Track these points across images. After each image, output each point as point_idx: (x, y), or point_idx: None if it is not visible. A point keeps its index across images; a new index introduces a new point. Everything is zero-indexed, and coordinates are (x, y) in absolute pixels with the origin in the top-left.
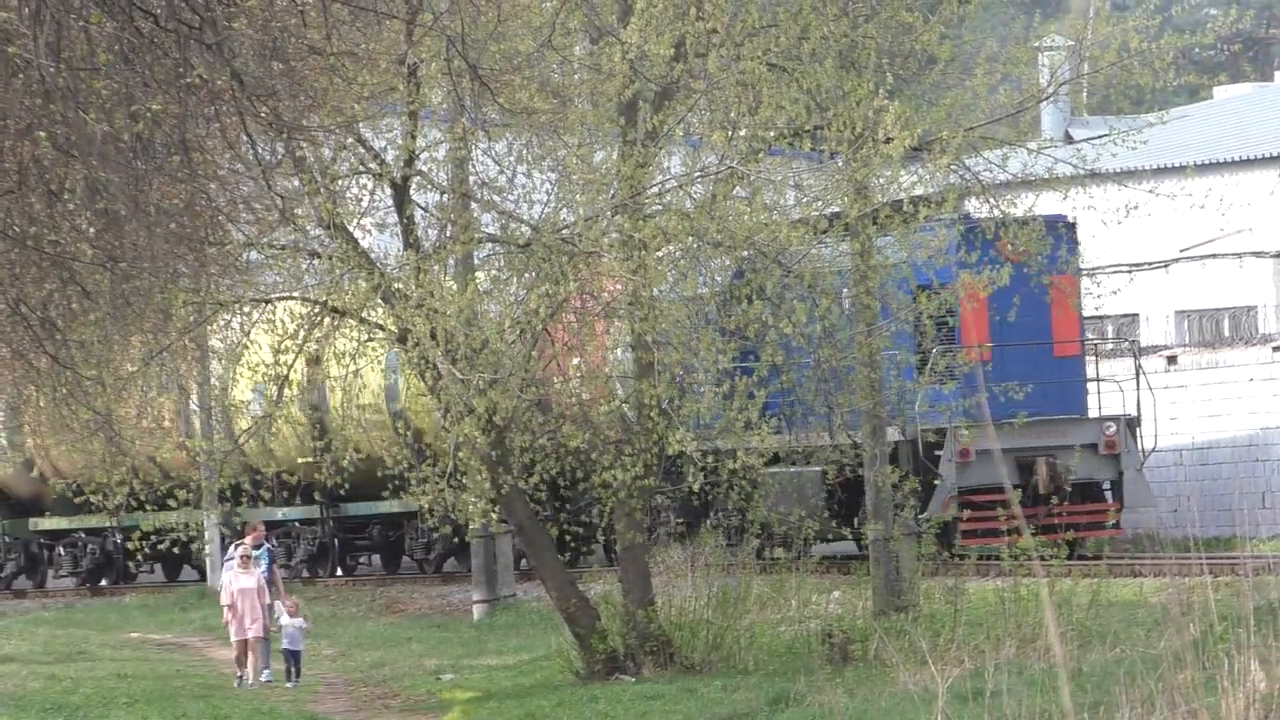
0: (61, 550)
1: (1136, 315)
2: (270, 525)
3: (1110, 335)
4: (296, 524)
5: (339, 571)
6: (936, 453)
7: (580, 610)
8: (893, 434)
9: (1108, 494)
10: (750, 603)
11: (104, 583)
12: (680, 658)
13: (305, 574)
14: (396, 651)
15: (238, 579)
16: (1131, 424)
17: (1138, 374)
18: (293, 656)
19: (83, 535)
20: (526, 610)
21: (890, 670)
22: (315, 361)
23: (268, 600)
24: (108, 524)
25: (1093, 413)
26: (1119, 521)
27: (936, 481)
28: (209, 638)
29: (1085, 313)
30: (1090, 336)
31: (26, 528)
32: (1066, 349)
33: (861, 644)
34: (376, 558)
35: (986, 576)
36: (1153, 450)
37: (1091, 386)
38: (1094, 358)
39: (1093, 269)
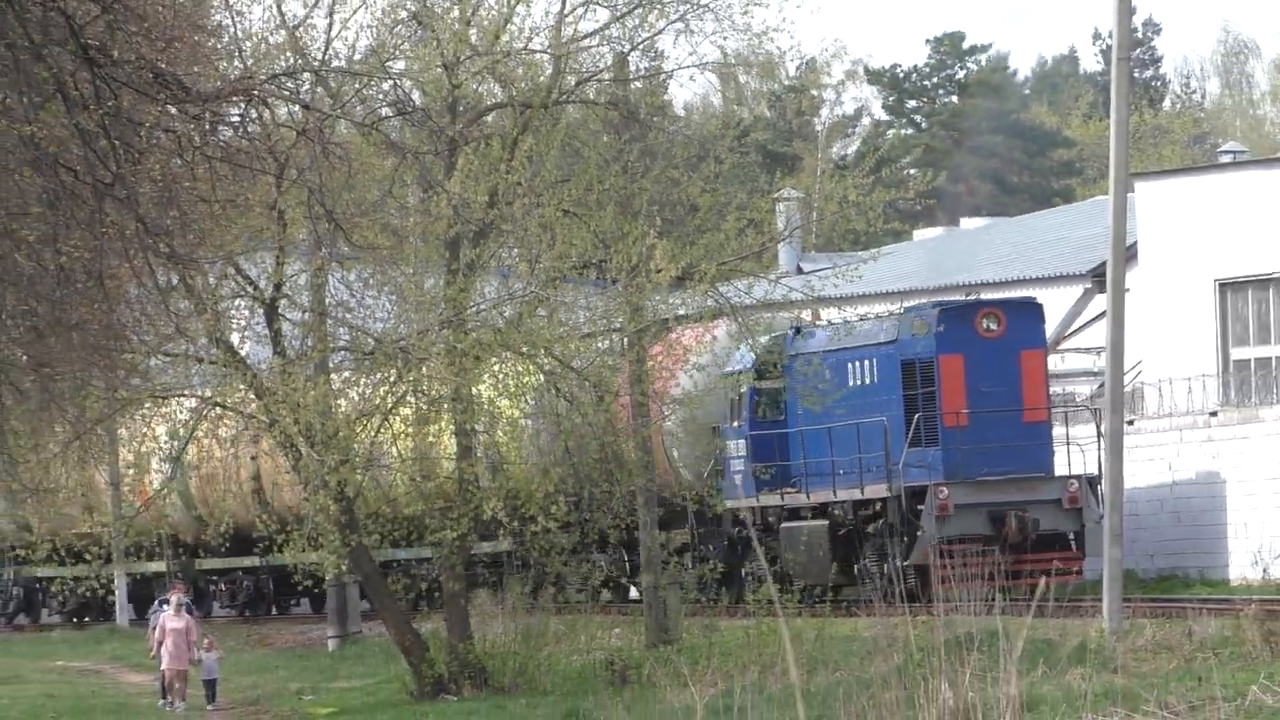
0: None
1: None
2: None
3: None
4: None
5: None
6: (919, 507)
7: (413, 643)
8: (881, 490)
9: (1072, 543)
10: (549, 637)
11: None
12: (493, 681)
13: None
14: (267, 676)
15: (171, 620)
16: (1092, 482)
17: (1099, 436)
18: (210, 685)
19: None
20: (371, 644)
21: (660, 691)
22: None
23: (194, 637)
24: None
25: (1059, 471)
26: (1081, 568)
27: (919, 532)
28: (119, 665)
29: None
30: (1056, 405)
31: None
32: (1035, 415)
33: (637, 670)
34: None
35: (735, 617)
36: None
37: (1057, 448)
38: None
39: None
